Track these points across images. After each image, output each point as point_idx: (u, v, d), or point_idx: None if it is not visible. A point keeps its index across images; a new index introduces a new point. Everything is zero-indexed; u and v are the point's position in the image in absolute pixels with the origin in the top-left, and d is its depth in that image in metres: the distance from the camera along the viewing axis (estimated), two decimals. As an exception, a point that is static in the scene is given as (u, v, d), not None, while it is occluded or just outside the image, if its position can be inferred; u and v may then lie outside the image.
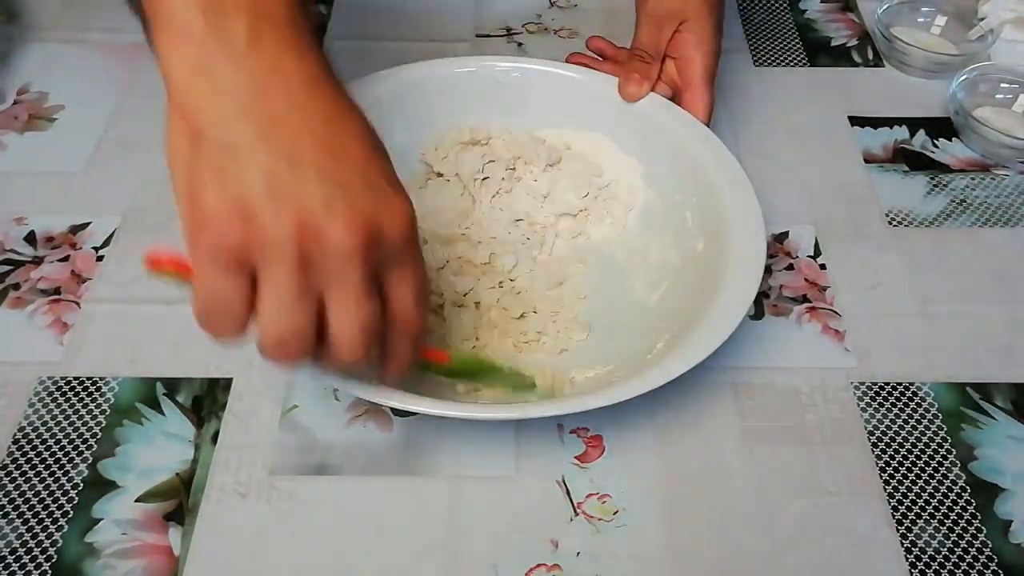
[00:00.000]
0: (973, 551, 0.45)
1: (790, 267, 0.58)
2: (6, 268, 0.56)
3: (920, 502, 0.47)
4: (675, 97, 0.58)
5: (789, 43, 0.75)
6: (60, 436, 0.48)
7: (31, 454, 0.48)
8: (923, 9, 0.74)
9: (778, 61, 0.73)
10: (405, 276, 0.36)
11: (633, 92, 0.57)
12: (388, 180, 0.35)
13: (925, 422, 0.50)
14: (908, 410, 0.51)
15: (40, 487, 0.47)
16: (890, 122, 0.68)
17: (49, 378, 0.51)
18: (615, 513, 0.46)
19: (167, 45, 0.33)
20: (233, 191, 0.32)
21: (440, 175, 0.59)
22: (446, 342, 0.52)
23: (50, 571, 0.44)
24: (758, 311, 0.55)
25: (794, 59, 0.73)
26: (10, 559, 0.44)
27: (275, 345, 0.34)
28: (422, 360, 0.42)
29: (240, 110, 0.33)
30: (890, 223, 0.60)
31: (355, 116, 0.36)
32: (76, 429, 0.49)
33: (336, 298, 0.34)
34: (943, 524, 0.46)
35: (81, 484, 0.47)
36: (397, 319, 0.37)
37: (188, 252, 0.34)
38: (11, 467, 0.47)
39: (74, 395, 0.50)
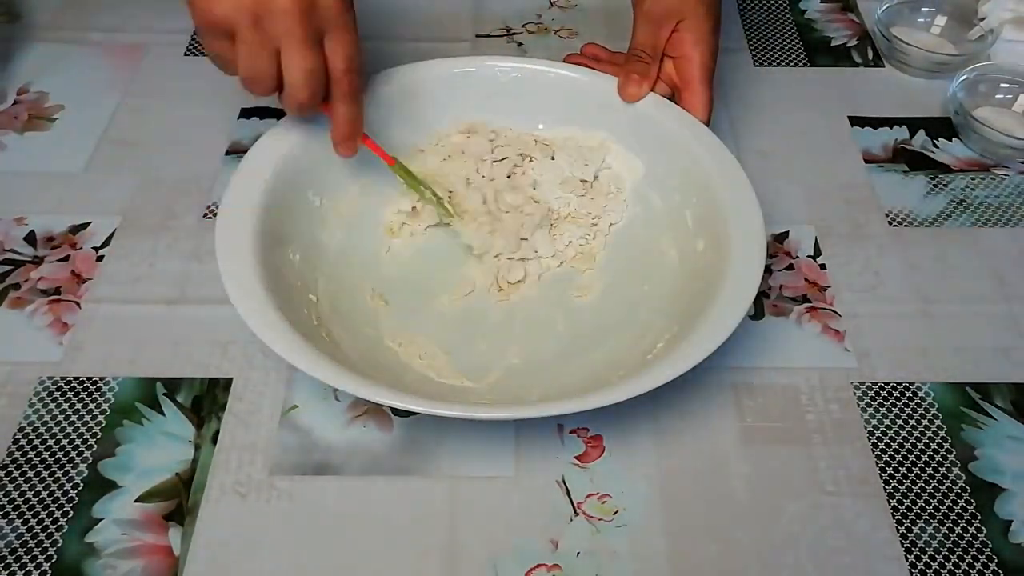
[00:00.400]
0: (973, 551, 0.45)
1: (790, 267, 0.58)
2: (6, 268, 0.56)
3: (920, 502, 0.47)
4: (674, 96, 0.58)
5: (789, 43, 0.75)
6: (60, 436, 0.48)
7: (31, 454, 0.48)
8: (923, 9, 0.74)
9: (778, 61, 0.73)
10: (340, 41, 0.47)
11: (632, 93, 0.57)
12: None
13: (925, 422, 0.50)
14: (908, 410, 0.51)
15: (40, 487, 0.47)
16: (890, 122, 0.68)
17: (49, 378, 0.51)
18: (615, 513, 0.46)
19: None
20: None
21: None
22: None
23: (50, 571, 0.44)
24: (758, 311, 0.55)
25: (794, 59, 0.73)
26: (10, 559, 0.44)
27: (249, 82, 0.46)
28: (370, 148, 0.52)
29: None
30: (890, 223, 0.60)
31: None
32: (76, 429, 0.49)
33: (286, 51, 0.45)
34: (943, 524, 0.46)
35: (81, 484, 0.47)
36: (334, 78, 0.47)
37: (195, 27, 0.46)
38: (11, 467, 0.47)
39: (74, 395, 0.50)
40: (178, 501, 0.46)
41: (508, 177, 0.59)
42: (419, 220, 0.57)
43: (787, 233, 0.60)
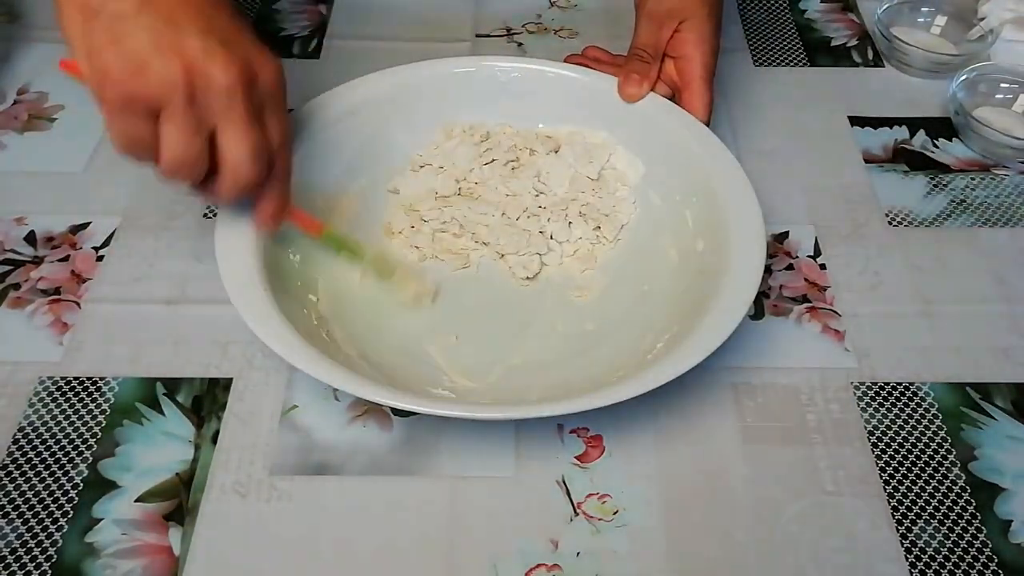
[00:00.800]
0: (973, 551, 0.45)
1: (790, 267, 0.58)
2: (6, 268, 0.56)
3: (920, 502, 0.47)
4: (675, 96, 0.58)
5: (789, 43, 0.75)
6: (60, 436, 0.48)
7: (31, 454, 0.48)
8: (923, 9, 0.74)
9: (778, 61, 0.73)
10: (276, 120, 0.43)
11: (632, 93, 0.57)
12: (257, 44, 0.42)
13: (925, 422, 0.50)
14: (908, 410, 0.51)
15: (40, 487, 0.47)
16: (890, 122, 0.68)
17: (49, 378, 0.51)
18: (615, 513, 0.46)
19: None
20: (126, 50, 0.38)
21: (430, 165, 0.60)
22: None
23: (50, 571, 0.44)
24: (758, 311, 0.55)
25: (794, 59, 0.73)
26: (10, 559, 0.44)
27: (172, 170, 0.41)
28: (296, 223, 0.49)
29: None
30: (890, 223, 0.60)
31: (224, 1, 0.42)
32: (76, 429, 0.49)
33: (225, 129, 0.41)
34: (943, 524, 0.46)
35: (81, 484, 0.47)
36: (274, 157, 0.43)
37: (99, 105, 0.40)
38: (11, 467, 0.47)
39: (74, 395, 0.50)
40: (178, 501, 0.46)
41: (512, 170, 0.59)
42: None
43: (787, 233, 0.60)
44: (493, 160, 0.59)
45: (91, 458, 0.48)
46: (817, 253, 0.58)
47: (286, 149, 0.45)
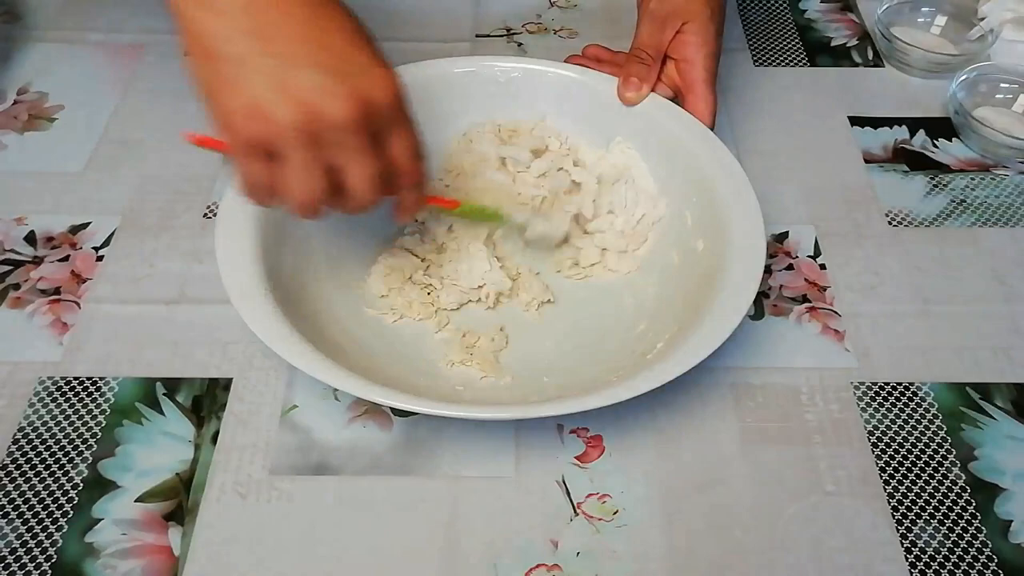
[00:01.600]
0: (973, 551, 0.45)
1: (790, 267, 0.58)
2: (6, 268, 0.56)
3: (920, 502, 0.47)
4: (677, 99, 0.58)
5: (789, 43, 0.75)
6: (60, 436, 0.48)
7: (31, 454, 0.48)
8: (923, 9, 0.74)
9: (778, 61, 0.73)
10: (400, 136, 0.43)
11: (631, 97, 0.57)
12: (372, 59, 0.41)
13: (925, 422, 0.50)
14: (908, 410, 0.51)
15: (40, 487, 0.47)
16: (890, 122, 0.68)
17: (49, 378, 0.51)
18: (615, 513, 0.46)
19: None
20: (245, 94, 0.38)
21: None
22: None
23: (50, 571, 0.44)
24: (758, 311, 0.55)
25: (794, 59, 0.73)
26: (10, 559, 0.44)
27: (301, 209, 0.42)
28: (434, 205, 0.52)
29: (238, 27, 0.39)
30: (890, 223, 0.60)
31: (339, 13, 0.41)
32: (76, 429, 0.49)
33: (347, 163, 0.41)
34: (943, 524, 0.46)
35: (81, 484, 0.47)
36: (400, 172, 0.43)
37: (225, 146, 0.41)
38: (11, 467, 0.47)
39: (74, 395, 0.50)
40: (178, 501, 0.46)
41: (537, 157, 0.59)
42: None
43: (787, 233, 0.60)
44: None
45: (91, 458, 0.48)
46: (817, 253, 0.58)
47: (416, 159, 0.44)
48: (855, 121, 0.68)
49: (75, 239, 0.58)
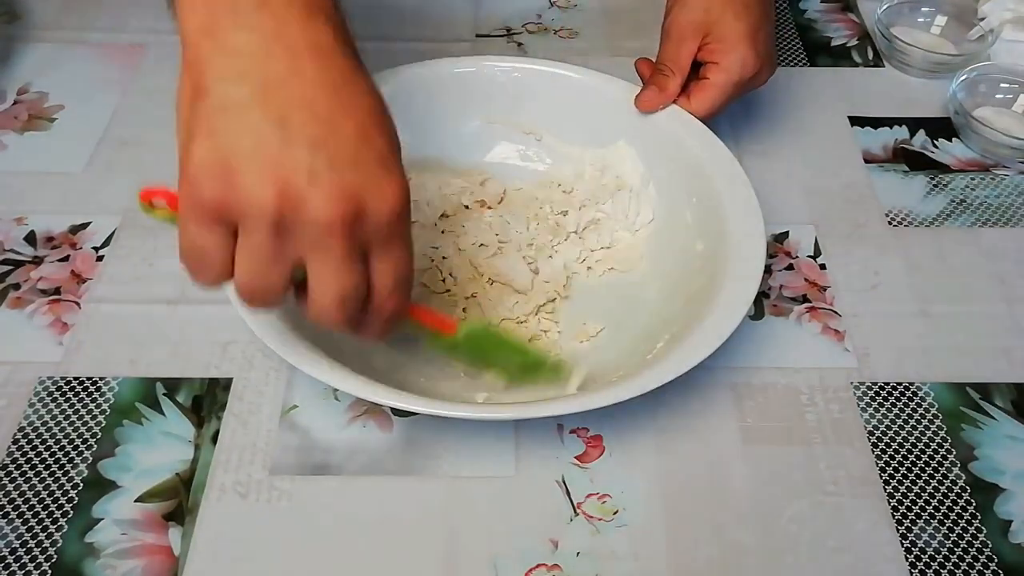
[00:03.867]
0: (973, 551, 0.45)
1: (790, 267, 0.58)
2: (6, 268, 0.56)
3: (920, 502, 0.47)
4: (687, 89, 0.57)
5: (789, 43, 0.75)
6: (60, 436, 0.48)
7: (31, 454, 0.48)
8: (923, 9, 0.74)
9: (778, 61, 0.73)
10: (388, 259, 0.36)
11: (646, 102, 0.56)
12: (383, 159, 0.35)
13: (925, 422, 0.50)
14: (908, 410, 0.51)
15: (40, 487, 0.47)
16: (890, 122, 0.68)
17: (49, 378, 0.51)
18: (615, 513, 0.46)
19: (183, 6, 0.35)
20: (221, 148, 0.33)
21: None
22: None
23: (50, 571, 0.44)
24: (758, 311, 0.55)
25: (794, 59, 0.73)
26: (10, 559, 0.44)
27: (246, 296, 0.35)
28: (425, 328, 0.45)
29: (240, 71, 0.33)
30: (890, 223, 0.60)
31: (361, 90, 0.35)
32: (76, 429, 0.49)
33: (315, 267, 0.34)
34: (943, 524, 0.46)
35: (81, 484, 0.47)
36: (375, 298, 0.37)
37: (179, 199, 0.35)
38: (11, 467, 0.47)
39: (74, 395, 0.50)
40: (178, 501, 0.46)
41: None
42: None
43: (787, 233, 0.60)
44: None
45: (91, 458, 0.48)
46: (817, 253, 0.58)
47: (398, 290, 0.37)
48: (855, 121, 0.68)
49: (75, 239, 0.58)
